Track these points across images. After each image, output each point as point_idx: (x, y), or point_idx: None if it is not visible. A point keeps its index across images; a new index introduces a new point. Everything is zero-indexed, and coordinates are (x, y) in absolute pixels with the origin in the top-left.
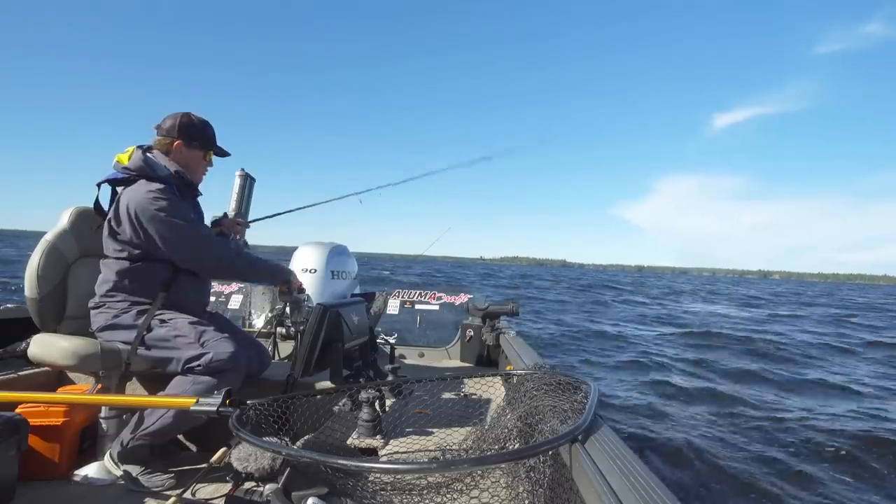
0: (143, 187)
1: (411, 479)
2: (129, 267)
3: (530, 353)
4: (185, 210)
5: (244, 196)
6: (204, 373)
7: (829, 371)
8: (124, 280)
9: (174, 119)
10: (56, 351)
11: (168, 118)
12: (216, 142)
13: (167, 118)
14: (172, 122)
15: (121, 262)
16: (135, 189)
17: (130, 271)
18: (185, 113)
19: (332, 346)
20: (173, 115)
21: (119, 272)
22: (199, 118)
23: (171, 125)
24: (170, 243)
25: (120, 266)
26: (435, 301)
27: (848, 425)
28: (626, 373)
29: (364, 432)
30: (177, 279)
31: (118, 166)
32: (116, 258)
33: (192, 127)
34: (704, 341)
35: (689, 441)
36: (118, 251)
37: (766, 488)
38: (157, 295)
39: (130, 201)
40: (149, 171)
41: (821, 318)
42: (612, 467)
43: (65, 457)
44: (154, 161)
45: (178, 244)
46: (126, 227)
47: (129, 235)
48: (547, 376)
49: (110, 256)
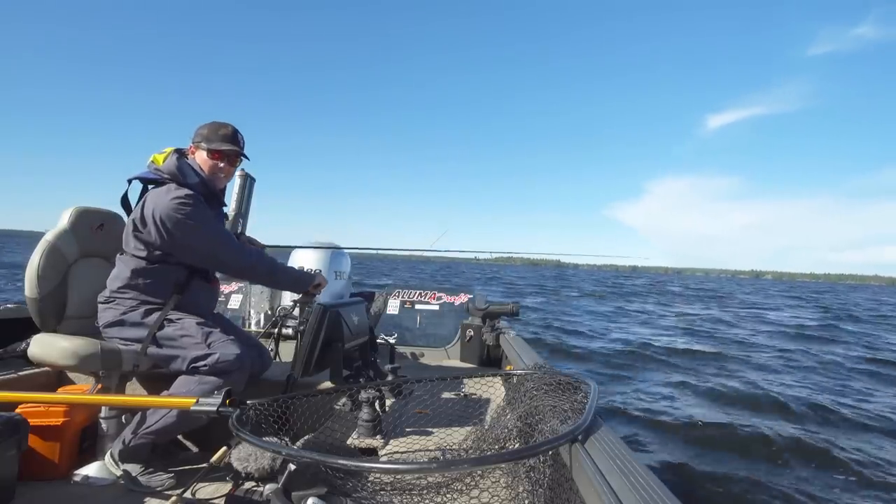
0: (171, 192)
1: (411, 479)
2: (145, 266)
3: (530, 353)
4: (209, 216)
5: (244, 196)
6: (209, 373)
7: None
8: (139, 278)
9: (200, 127)
10: (56, 351)
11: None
12: (224, 140)
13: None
14: (197, 129)
15: (138, 261)
16: (161, 193)
17: (147, 270)
18: (212, 122)
19: (332, 346)
20: (203, 124)
21: (135, 270)
22: (221, 124)
23: (196, 132)
24: (192, 248)
25: (137, 264)
26: (435, 301)
27: (851, 424)
28: (625, 372)
29: (364, 432)
30: (190, 282)
31: (152, 166)
32: (135, 256)
33: (208, 133)
34: (716, 346)
35: (689, 441)
36: (139, 249)
37: (767, 488)
38: (168, 295)
39: (156, 206)
40: (179, 176)
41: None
42: (612, 467)
43: (65, 457)
44: (186, 167)
45: (201, 249)
46: (151, 230)
47: (153, 237)
48: (547, 376)
49: (128, 253)
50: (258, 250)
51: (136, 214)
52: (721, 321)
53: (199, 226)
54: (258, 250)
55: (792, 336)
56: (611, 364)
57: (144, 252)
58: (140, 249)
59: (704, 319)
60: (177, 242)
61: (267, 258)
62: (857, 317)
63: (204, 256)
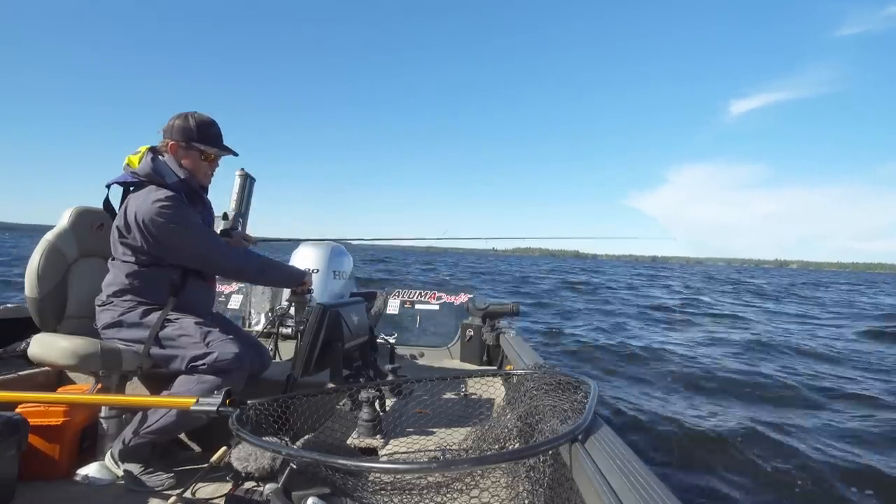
0: (151, 195)
1: (411, 479)
2: (137, 270)
3: (530, 353)
4: (192, 217)
5: (244, 196)
6: (208, 372)
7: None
8: (134, 282)
9: (172, 120)
10: (56, 351)
11: (170, 119)
12: (216, 141)
13: (170, 119)
14: (170, 124)
15: (130, 265)
16: (142, 196)
17: (141, 273)
18: (185, 113)
19: (332, 345)
20: (174, 116)
21: (128, 275)
22: (199, 117)
23: (168, 126)
24: (178, 251)
25: (129, 268)
26: (435, 301)
27: (854, 422)
28: (626, 372)
29: (364, 432)
30: (186, 282)
31: (128, 169)
32: (125, 261)
33: (186, 127)
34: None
35: (689, 441)
36: (127, 255)
37: (768, 488)
38: (165, 296)
39: (138, 210)
40: (157, 177)
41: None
42: (612, 467)
43: (65, 457)
44: (163, 167)
45: (187, 251)
46: (135, 235)
47: (138, 242)
48: (547, 376)
49: (118, 259)
50: (245, 249)
51: (119, 221)
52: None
53: (183, 228)
54: (245, 249)
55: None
56: (611, 363)
57: (133, 257)
58: (129, 254)
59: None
60: (162, 245)
61: (255, 256)
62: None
63: (191, 258)
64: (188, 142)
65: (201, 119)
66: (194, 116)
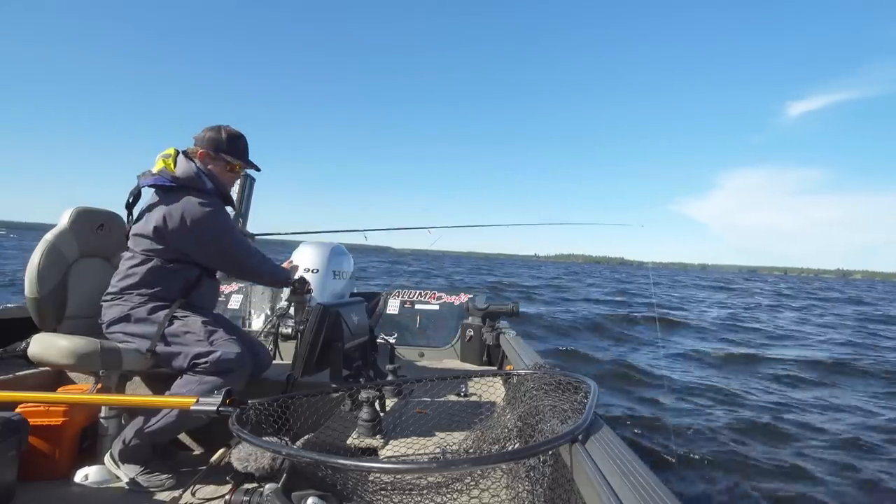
0: (198, 199)
1: (411, 479)
2: (160, 265)
3: (530, 353)
4: (232, 222)
5: (244, 196)
6: (210, 371)
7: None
8: (151, 277)
9: (205, 131)
10: (56, 350)
11: (203, 130)
12: (242, 154)
13: (202, 130)
14: (203, 134)
15: (152, 260)
16: (191, 200)
17: (161, 270)
18: (218, 125)
19: (331, 345)
20: (207, 128)
21: (150, 269)
22: (229, 130)
23: (201, 136)
24: (221, 253)
25: (151, 263)
26: (435, 301)
27: (853, 424)
28: (626, 371)
29: (364, 432)
30: (199, 282)
31: (165, 173)
32: (147, 255)
33: (217, 138)
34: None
35: (689, 441)
36: (150, 251)
37: (768, 488)
38: (175, 294)
39: (186, 211)
40: (199, 183)
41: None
42: (612, 467)
43: (65, 457)
44: (202, 174)
45: (231, 256)
46: (177, 232)
47: (180, 241)
48: (547, 376)
49: (138, 252)
50: (261, 253)
51: (156, 218)
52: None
53: (230, 234)
54: (261, 253)
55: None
56: (613, 362)
57: (157, 253)
58: (154, 251)
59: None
60: (210, 249)
61: (269, 260)
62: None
63: (231, 262)
64: (217, 152)
65: (231, 132)
66: (226, 129)
